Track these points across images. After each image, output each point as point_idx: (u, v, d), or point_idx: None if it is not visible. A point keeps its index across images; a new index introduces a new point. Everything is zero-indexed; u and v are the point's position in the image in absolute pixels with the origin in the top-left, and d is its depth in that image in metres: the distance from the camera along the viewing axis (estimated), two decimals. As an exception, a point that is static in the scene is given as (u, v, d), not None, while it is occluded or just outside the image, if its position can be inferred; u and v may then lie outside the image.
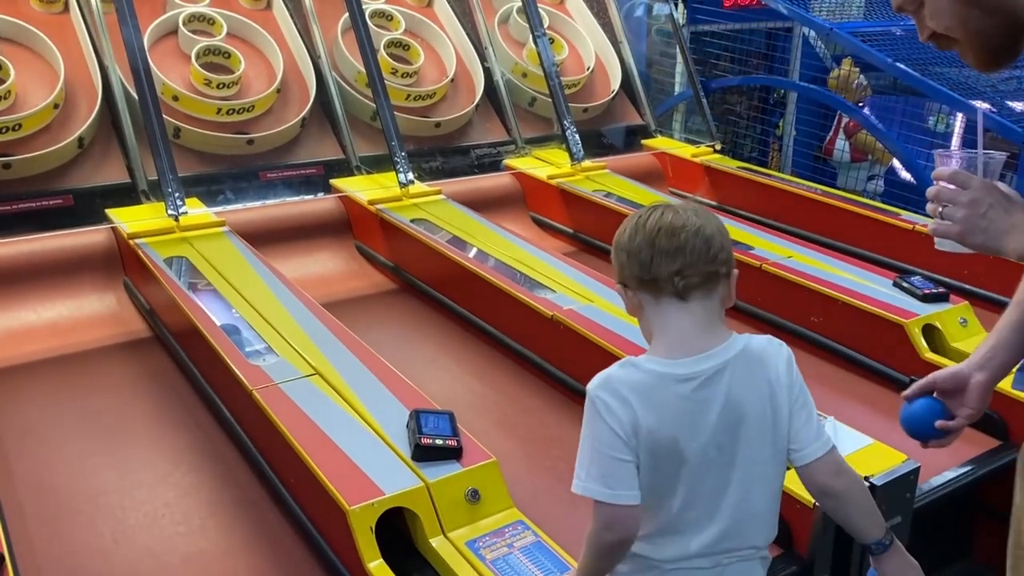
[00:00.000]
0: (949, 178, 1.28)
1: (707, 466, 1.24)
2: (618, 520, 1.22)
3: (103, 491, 2.21)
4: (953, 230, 1.27)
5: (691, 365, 1.23)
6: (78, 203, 3.41)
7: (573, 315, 2.68)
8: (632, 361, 1.25)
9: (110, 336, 3.04)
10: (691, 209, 1.27)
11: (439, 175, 4.15)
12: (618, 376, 1.23)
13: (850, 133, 4.74)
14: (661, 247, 1.23)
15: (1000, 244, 1.24)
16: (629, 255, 1.26)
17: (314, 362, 2.34)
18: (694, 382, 1.22)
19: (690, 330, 1.25)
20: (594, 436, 1.22)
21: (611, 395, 1.21)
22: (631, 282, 1.27)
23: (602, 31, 5.06)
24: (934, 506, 2.16)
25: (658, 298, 1.26)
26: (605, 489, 1.21)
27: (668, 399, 1.22)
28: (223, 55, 3.93)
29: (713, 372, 1.23)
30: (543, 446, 2.45)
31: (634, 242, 1.25)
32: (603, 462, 1.21)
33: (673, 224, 1.23)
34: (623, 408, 1.20)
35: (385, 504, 1.77)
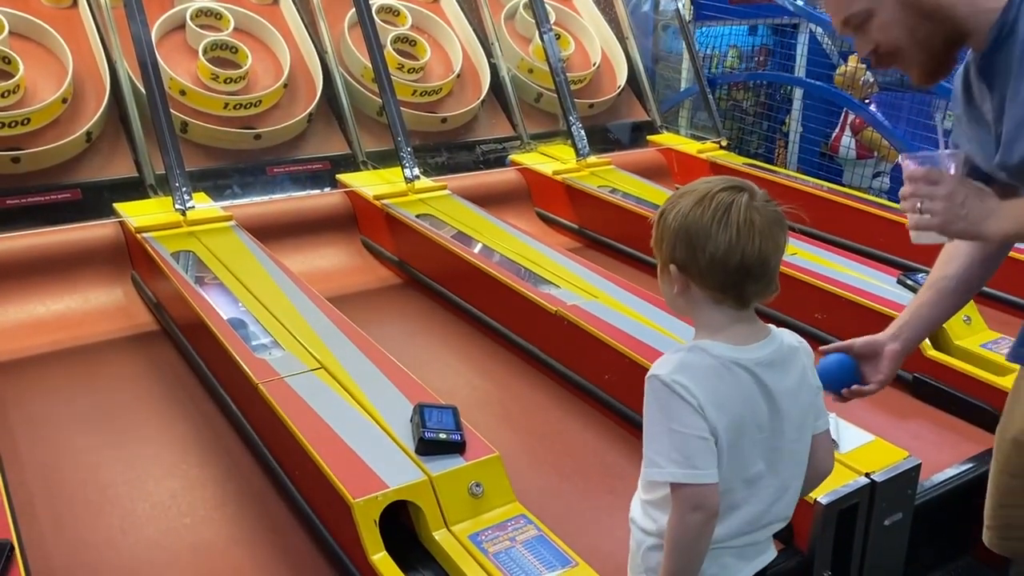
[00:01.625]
0: (924, 176, 1.37)
1: (757, 448, 1.26)
2: (703, 498, 1.21)
3: (111, 482, 2.23)
4: (934, 222, 1.36)
5: (754, 351, 1.25)
6: (86, 197, 3.44)
7: (577, 311, 2.69)
8: (701, 346, 1.24)
9: (118, 329, 3.07)
10: (779, 216, 1.23)
11: (445, 170, 4.17)
12: (691, 360, 1.23)
13: (856, 130, 4.74)
14: (753, 272, 1.21)
15: (980, 229, 1.36)
16: (713, 266, 1.20)
17: (319, 356, 2.35)
18: (758, 368, 1.24)
19: (743, 321, 1.27)
20: (672, 419, 1.20)
21: (689, 378, 1.20)
22: (695, 278, 1.23)
23: (608, 27, 5.06)
24: (935, 503, 2.17)
25: (719, 302, 1.25)
26: (689, 470, 1.19)
27: (734, 382, 1.23)
28: (230, 50, 3.94)
29: (770, 359, 1.26)
30: (546, 441, 2.47)
31: (727, 260, 1.19)
32: (686, 443, 1.19)
33: (772, 249, 1.21)
34: (701, 389, 1.20)
35: (389, 497, 1.79)
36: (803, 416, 1.31)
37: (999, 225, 1.34)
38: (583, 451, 2.42)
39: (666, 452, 1.20)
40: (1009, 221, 1.34)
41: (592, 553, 1.78)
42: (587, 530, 2.03)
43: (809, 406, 1.32)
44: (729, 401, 1.22)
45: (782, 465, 1.30)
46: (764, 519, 1.31)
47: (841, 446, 2.12)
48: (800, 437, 1.32)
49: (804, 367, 1.31)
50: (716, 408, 1.20)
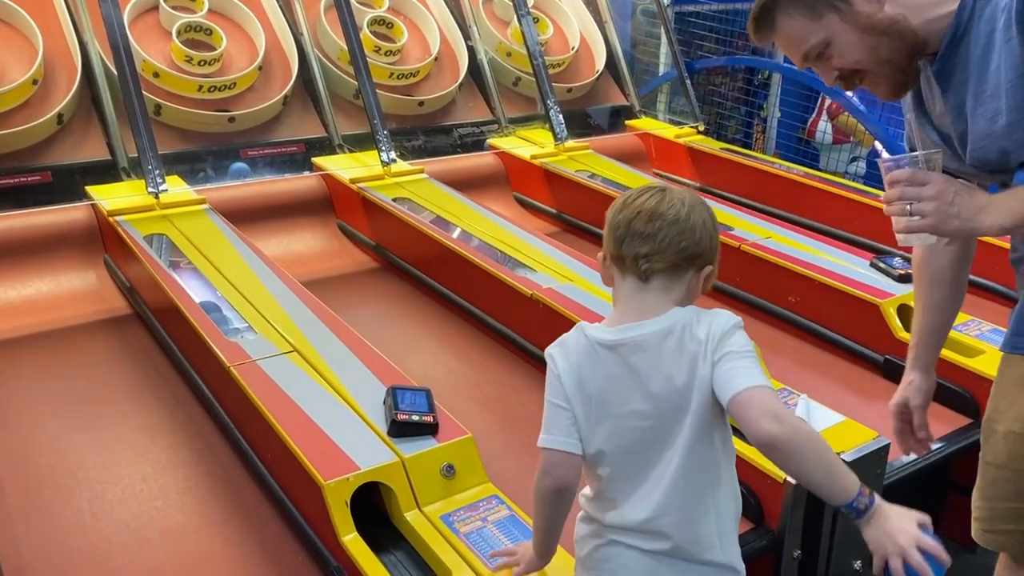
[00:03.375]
0: (908, 179, 1.36)
1: (634, 436, 1.28)
2: (553, 466, 1.29)
3: (81, 466, 2.21)
4: (927, 223, 1.35)
5: (619, 333, 1.28)
6: (57, 180, 3.40)
7: (552, 294, 2.69)
8: (582, 326, 1.33)
9: (90, 313, 3.04)
10: (686, 200, 1.29)
11: (422, 154, 4.15)
12: (568, 338, 1.33)
13: (833, 115, 4.76)
14: (636, 229, 1.28)
15: (975, 224, 1.34)
16: (609, 228, 1.31)
17: (293, 340, 2.34)
18: (621, 349, 1.27)
19: (638, 306, 1.30)
20: (546, 388, 1.32)
21: (560, 352, 1.31)
22: (607, 253, 1.33)
23: (587, 11, 5.04)
24: (904, 482, 2.19)
25: (623, 274, 1.32)
26: (545, 435, 1.30)
27: (600, 364, 1.28)
28: (204, 32, 3.90)
29: (640, 342, 1.26)
30: (520, 423, 2.47)
31: (616, 217, 1.31)
32: (547, 411, 1.30)
33: (655, 210, 1.27)
34: (566, 364, 1.29)
35: (360, 479, 1.79)
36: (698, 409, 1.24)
37: (993, 219, 1.34)
38: (557, 433, 2.42)
39: (544, 419, 1.32)
40: (1004, 215, 1.33)
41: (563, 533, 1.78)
42: (560, 511, 2.03)
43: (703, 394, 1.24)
44: (593, 381, 1.28)
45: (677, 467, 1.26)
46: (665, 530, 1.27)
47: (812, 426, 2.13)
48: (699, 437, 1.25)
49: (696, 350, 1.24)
50: (577, 385, 1.28)
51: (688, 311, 1.29)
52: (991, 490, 1.61)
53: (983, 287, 3.09)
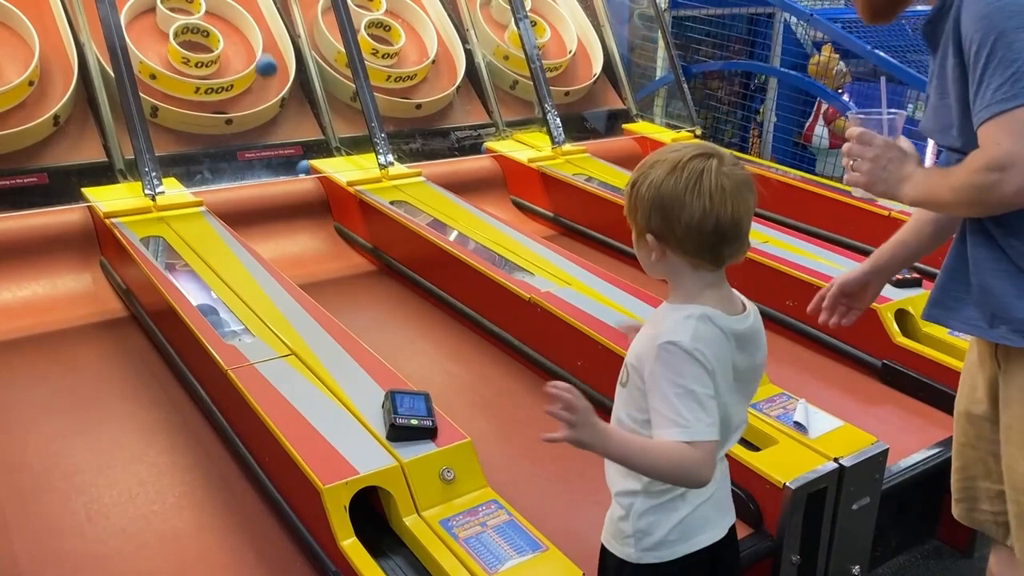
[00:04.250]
0: (857, 138, 1.50)
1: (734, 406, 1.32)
2: (712, 456, 1.25)
3: (78, 469, 2.20)
4: (861, 180, 1.51)
5: (741, 323, 1.30)
6: (53, 182, 3.38)
7: (550, 297, 2.69)
8: (708, 315, 1.27)
9: (86, 315, 3.03)
10: (748, 179, 1.26)
11: (419, 157, 4.14)
12: (704, 331, 1.26)
13: (829, 120, 4.77)
14: (727, 235, 1.25)
15: (896, 191, 1.49)
16: (688, 232, 1.24)
17: (291, 343, 2.33)
18: (744, 339, 1.30)
19: (723, 289, 1.32)
20: (694, 381, 1.22)
21: (706, 346, 1.24)
22: (671, 245, 1.27)
23: (584, 14, 5.05)
24: (902, 488, 2.19)
25: (696, 267, 1.28)
26: (712, 429, 1.23)
27: (727, 349, 1.28)
28: (202, 34, 3.89)
29: (745, 333, 1.31)
30: (518, 427, 2.47)
31: (703, 225, 1.23)
32: (707, 402, 1.23)
33: (744, 212, 1.25)
34: (713, 356, 1.25)
35: (359, 483, 1.78)
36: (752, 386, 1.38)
37: (907, 191, 1.47)
38: (555, 437, 2.42)
39: (689, 411, 1.22)
40: (917, 189, 1.46)
41: (563, 537, 1.78)
42: (558, 514, 2.04)
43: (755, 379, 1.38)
44: (722, 366, 1.27)
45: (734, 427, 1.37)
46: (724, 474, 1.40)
47: (810, 431, 2.14)
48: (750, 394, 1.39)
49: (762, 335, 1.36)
50: (717, 373, 1.26)
51: None
52: (968, 470, 1.68)
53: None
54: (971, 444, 1.65)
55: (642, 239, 1.30)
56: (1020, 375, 1.48)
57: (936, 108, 1.49)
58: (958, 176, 1.39)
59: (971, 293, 1.49)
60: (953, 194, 1.40)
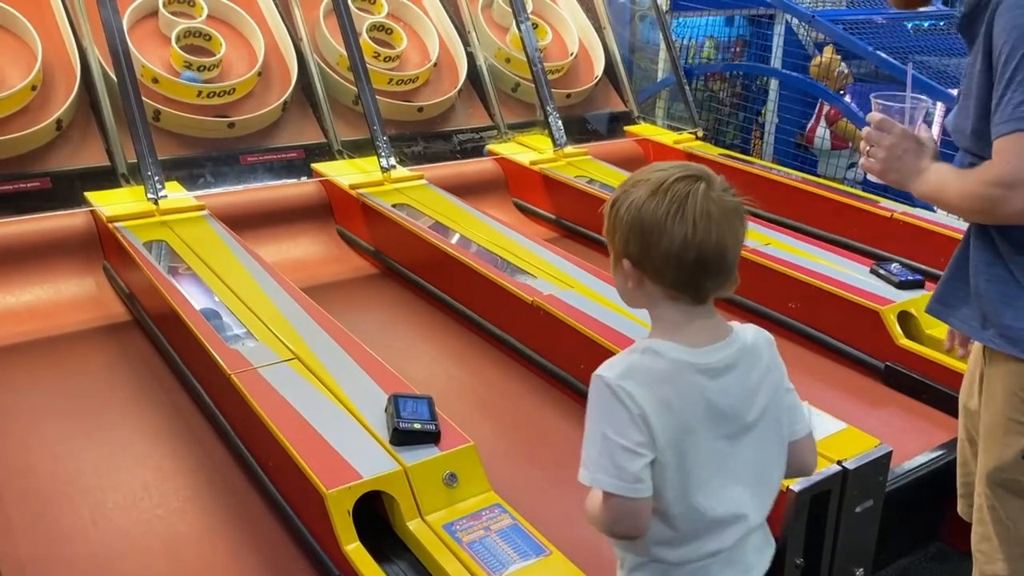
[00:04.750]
0: (876, 125, 1.51)
1: (712, 459, 1.18)
2: (630, 515, 1.14)
3: (82, 473, 2.21)
4: (875, 167, 1.53)
5: (710, 354, 1.17)
6: (56, 186, 3.39)
7: (553, 300, 2.69)
8: (654, 348, 1.16)
9: (89, 320, 3.03)
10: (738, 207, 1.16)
11: (421, 160, 4.14)
12: (642, 364, 1.15)
13: (831, 121, 4.76)
14: (709, 267, 1.13)
15: (907, 184, 1.50)
16: (668, 261, 1.13)
17: (293, 347, 2.34)
18: (713, 371, 1.16)
19: (700, 321, 1.19)
20: (610, 425, 1.12)
21: (635, 384, 1.12)
22: (649, 273, 1.15)
23: (585, 17, 5.05)
24: (906, 490, 2.19)
25: (675, 299, 1.17)
26: (619, 481, 1.12)
27: (690, 388, 1.15)
28: (204, 37, 3.90)
29: (728, 362, 1.18)
30: (522, 430, 2.47)
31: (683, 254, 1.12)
32: (618, 453, 1.12)
33: (731, 242, 1.14)
34: (647, 398, 1.12)
35: (362, 488, 1.79)
36: (773, 421, 1.23)
37: (915, 185, 1.49)
38: (558, 440, 2.42)
39: (596, 457, 1.13)
40: (927, 184, 1.48)
41: (566, 541, 1.78)
42: (562, 518, 2.02)
43: (773, 408, 1.23)
44: (680, 408, 1.14)
45: (745, 472, 1.21)
46: (738, 529, 1.23)
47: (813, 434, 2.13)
48: (764, 442, 1.22)
49: (766, 367, 1.22)
50: (661, 418, 1.12)
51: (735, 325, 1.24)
52: (968, 466, 1.70)
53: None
54: (969, 439, 1.66)
55: (619, 264, 1.19)
56: (998, 375, 1.51)
57: (960, 107, 1.50)
58: (967, 183, 1.40)
59: (969, 293, 1.51)
60: (960, 200, 1.43)
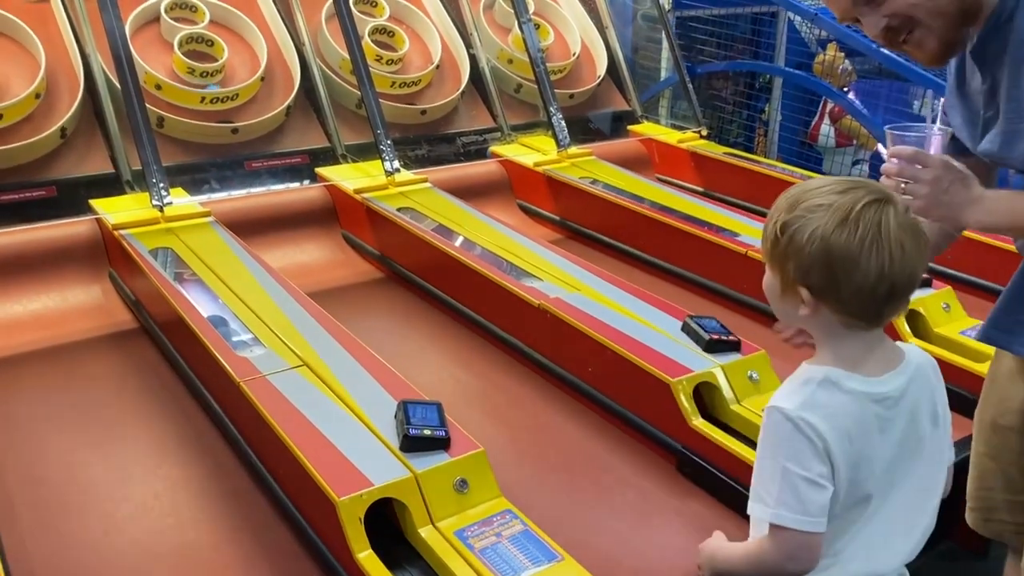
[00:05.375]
0: (911, 158, 1.36)
1: (891, 487, 1.18)
2: (805, 548, 1.12)
3: (92, 483, 2.21)
4: (916, 205, 1.35)
5: (886, 383, 1.15)
6: (61, 194, 3.39)
7: (560, 303, 2.69)
8: (831, 378, 1.13)
9: (96, 328, 3.03)
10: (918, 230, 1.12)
11: (425, 163, 4.14)
12: (822, 398, 1.12)
13: (835, 118, 4.76)
14: (899, 294, 1.11)
15: (959, 216, 1.37)
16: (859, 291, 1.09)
17: (301, 353, 2.34)
18: (889, 401, 1.15)
19: (876, 349, 1.18)
20: (790, 457, 1.10)
21: (819, 417, 1.10)
22: (831, 304, 1.12)
23: (588, 16, 5.05)
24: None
25: (852, 326, 1.14)
26: (802, 516, 1.10)
27: (865, 419, 1.13)
28: (206, 43, 3.90)
29: (903, 390, 1.16)
30: (532, 435, 2.47)
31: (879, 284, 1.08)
32: (802, 486, 1.09)
33: (921, 268, 1.12)
34: (830, 430, 1.10)
35: (374, 495, 1.78)
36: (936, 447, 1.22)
37: (977, 217, 1.37)
38: (568, 444, 2.42)
39: (776, 491, 1.11)
40: (987, 214, 1.36)
41: (578, 546, 1.78)
42: (573, 523, 2.03)
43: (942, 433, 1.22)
44: (859, 439, 1.12)
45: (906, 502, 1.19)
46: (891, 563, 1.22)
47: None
48: (930, 472, 1.22)
49: (934, 390, 1.22)
50: (844, 450, 1.11)
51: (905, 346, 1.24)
52: (988, 480, 1.66)
53: (990, 290, 3.08)
54: (992, 455, 1.63)
55: (791, 291, 1.15)
56: None
57: (1006, 132, 1.39)
58: None
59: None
60: None
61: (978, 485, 1.69)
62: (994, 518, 1.67)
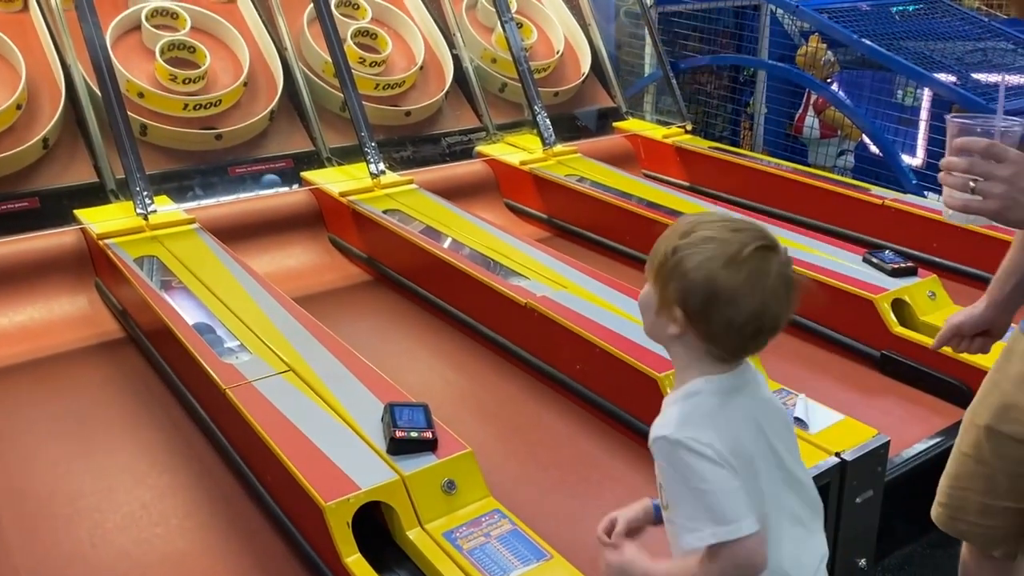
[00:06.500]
0: (984, 151, 1.21)
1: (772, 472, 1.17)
2: (748, 554, 1.10)
3: (80, 494, 2.20)
4: (991, 206, 1.22)
5: (738, 376, 1.18)
6: (45, 205, 3.37)
7: (546, 302, 2.69)
8: (692, 390, 1.16)
9: (83, 338, 3.02)
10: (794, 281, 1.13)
11: (411, 164, 4.13)
12: (690, 410, 1.14)
13: (819, 110, 4.76)
14: (765, 332, 1.13)
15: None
16: (728, 327, 1.11)
17: (287, 358, 2.33)
18: (746, 388, 1.18)
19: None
20: (692, 477, 1.10)
21: (696, 428, 1.11)
22: (700, 331, 1.13)
23: (570, 14, 5.05)
24: (905, 479, 2.19)
25: (714, 355, 1.16)
26: (726, 526, 1.08)
27: (735, 412, 1.15)
28: (188, 50, 3.88)
29: (750, 379, 1.19)
30: (520, 433, 2.47)
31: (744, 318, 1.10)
32: (713, 499, 1.09)
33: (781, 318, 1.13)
34: (712, 435, 1.11)
35: (361, 499, 1.78)
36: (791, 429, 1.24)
37: None
38: (557, 441, 2.42)
39: (698, 514, 1.10)
40: None
41: (567, 544, 1.78)
42: (562, 521, 2.03)
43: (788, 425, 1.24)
44: (739, 433, 1.14)
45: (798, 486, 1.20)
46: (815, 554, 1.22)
47: (810, 426, 2.14)
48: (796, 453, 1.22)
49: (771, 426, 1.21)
50: (731, 448, 1.11)
51: None
52: (965, 481, 1.62)
53: (976, 277, 3.09)
54: (978, 458, 1.57)
55: (666, 310, 1.15)
56: None
57: None
58: None
59: None
60: None
61: (952, 483, 1.65)
62: (962, 518, 1.63)
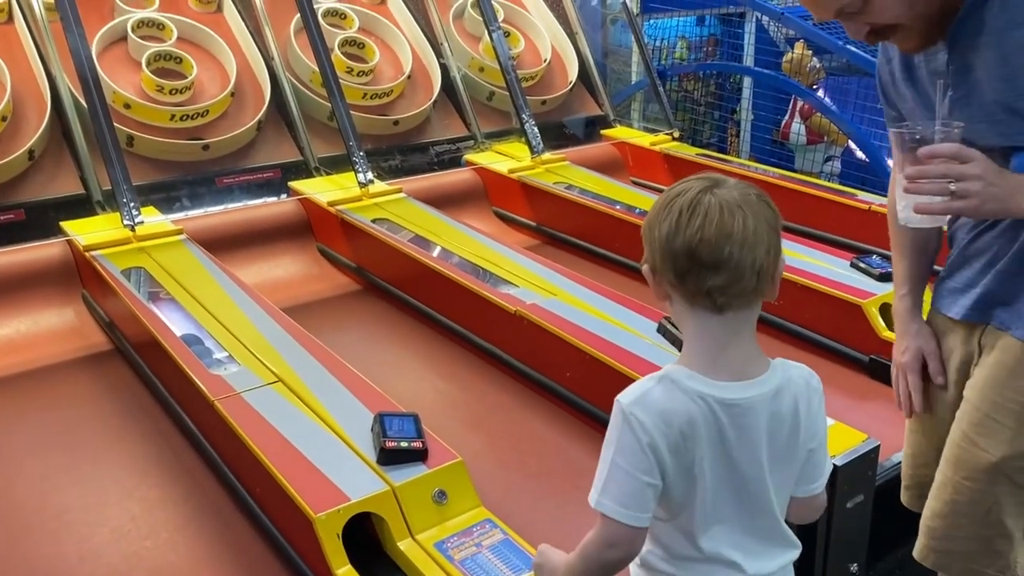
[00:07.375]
0: (955, 154, 1.26)
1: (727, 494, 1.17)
2: (624, 540, 1.15)
3: (67, 508, 2.18)
4: (971, 203, 1.27)
5: (736, 391, 1.14)
6: (31, 217, 3.35)
7: (536, 309, 2.69)
8: (672, 377, 1.14)
9: (70, 350, 3.00)
10: (744, 203, 1.11)
11: (399, 173, 4.13)
12: (657, 393, 1.14)
13: (805, 116, 4.79)
14: (702, 259, 1.09)
15: (1011, 206, 1.29)
16: (663, 254, 1.12)
17: (276, 369, 2.32)
18: (736, 409, 1.14)
19: (730, 346, 1.16)
20: (619, 452, 1.13)
21: (648, 414, 1.11)
22: (663, 275, 1.15)
23: (557, 23, 5.06)
24: (896, 483, 2.19)
25: (692, 305, 1.15)
26: (619, 508, 1.13)
27: (706, 422, 1.13)
28: (175, 60, 3.88)
29: (755, 402, 1.15)
30: (511, 442, 2.46)
31: (671, 243, 1.11)
32: (624, 480, 1.12)
33: (719, 233, 1.09)
34: (658, 429, 1.11)
35: (351, 510, 1.77)
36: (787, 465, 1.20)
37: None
38: (547, 449, 2.42)
39: (603, 480, 1.14)
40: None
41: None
42: (554, 529, 2.00)
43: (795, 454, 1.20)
44: (693, 440, 1.13)
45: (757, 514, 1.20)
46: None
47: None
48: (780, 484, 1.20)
49: (803, 414, 1.19)
50: (673, 450, 1.12)
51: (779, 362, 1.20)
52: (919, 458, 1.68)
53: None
54: (922, 431, 1.64)
55: (649, 279, 1.19)
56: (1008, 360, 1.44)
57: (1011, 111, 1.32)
58: None
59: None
60: None
61: (912, 463, 1.69)
62: (927, 495, 1.67)
